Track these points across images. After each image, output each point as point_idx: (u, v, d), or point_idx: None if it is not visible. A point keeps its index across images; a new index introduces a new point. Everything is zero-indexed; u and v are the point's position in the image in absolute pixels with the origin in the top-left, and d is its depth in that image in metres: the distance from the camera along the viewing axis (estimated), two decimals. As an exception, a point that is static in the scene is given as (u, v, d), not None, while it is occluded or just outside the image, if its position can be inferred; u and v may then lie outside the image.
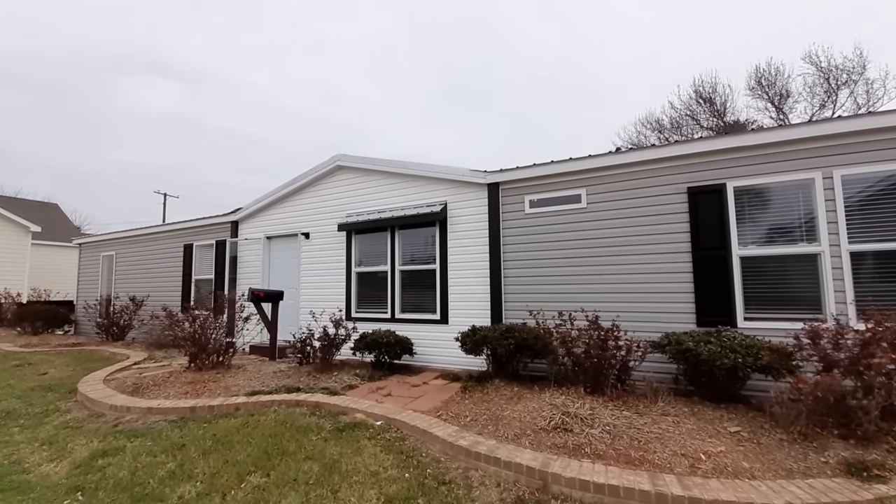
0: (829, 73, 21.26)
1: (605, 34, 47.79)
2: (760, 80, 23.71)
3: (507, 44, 63.16)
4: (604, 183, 5.23)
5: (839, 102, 21.67)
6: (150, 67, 68.21)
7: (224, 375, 5.46)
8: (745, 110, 25.58)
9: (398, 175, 6.79)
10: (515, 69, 62.76)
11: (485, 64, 69.93)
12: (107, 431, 3.88)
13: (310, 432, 3.64)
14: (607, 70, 47.38)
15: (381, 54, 79.01)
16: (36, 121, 58.14)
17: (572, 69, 51.95)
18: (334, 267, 7.30)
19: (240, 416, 4.05)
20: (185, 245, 9.48)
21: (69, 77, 62.24)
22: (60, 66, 59.06)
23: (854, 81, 21.02)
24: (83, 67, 62.86)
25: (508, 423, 3.48)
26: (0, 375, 6.50)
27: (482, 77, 71.24)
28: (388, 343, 5.52)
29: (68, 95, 61.01)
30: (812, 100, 22.43)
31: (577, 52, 51.85)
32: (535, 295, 5.49)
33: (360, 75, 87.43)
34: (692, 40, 35.31)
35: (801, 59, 22.12)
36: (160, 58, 67.71)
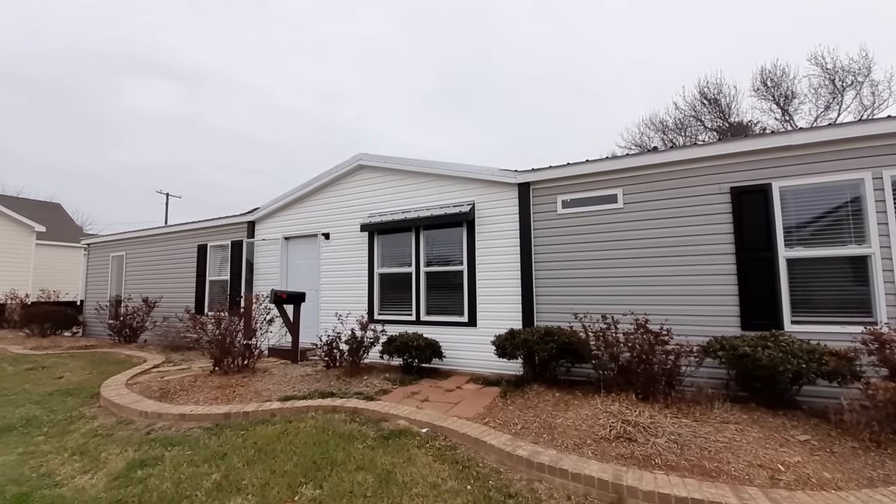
0: (834, 74, 21.24)
1: (600, 35, 48.02)
2: (766, 81, 23.70)
3: (503, 45, 63.28)
4: (642, 182, 5.11)
5: (844, 104, 21.67)
6: (148, 68, 67.94)
7: (251, 379, 5.30)
8: (750, 111, 25.54)
9: (423, 174, 6.66)
10: (511, 70, 62.88)
11: (481, 65, 70.05)
12: (140, 439, 3.72)
13: (354, 440, 3.50)
14: (602, 71, 47.55)
15: (378, 56, 79.06)
16: (34, 121, 57.81)
17: (567, 70, 52.18)
18: (356, 268, 7.16)
19: (277, 423, 3.90)
20: (198, 245, 9.32)
21: (67, 77, 61.94)
22: (59, 66, 58.73)
23: (860, 83, 20.99)
24: (82, 67, 62.55)
25: (564, 431, 3.34)
26: (14, 380, 6.33)
27: (479, 78, 71.43)
28: (418, 346, 5.38)
29: (66, 95, 60.66)
30: (817, 101, 22.42)
31: (572, 53, 52.03)
32: (568, 297, 5.37)
33: (357, 77, 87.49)
34: (689, 42, 35.52)
35: (807, 60, 22.11)
36: (159, 58, 67.41)
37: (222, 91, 76.22)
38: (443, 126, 79.81)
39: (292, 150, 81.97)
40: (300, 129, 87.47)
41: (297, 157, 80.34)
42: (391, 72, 79.64)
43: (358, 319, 5.79)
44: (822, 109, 22.16)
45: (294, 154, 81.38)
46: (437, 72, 77.44)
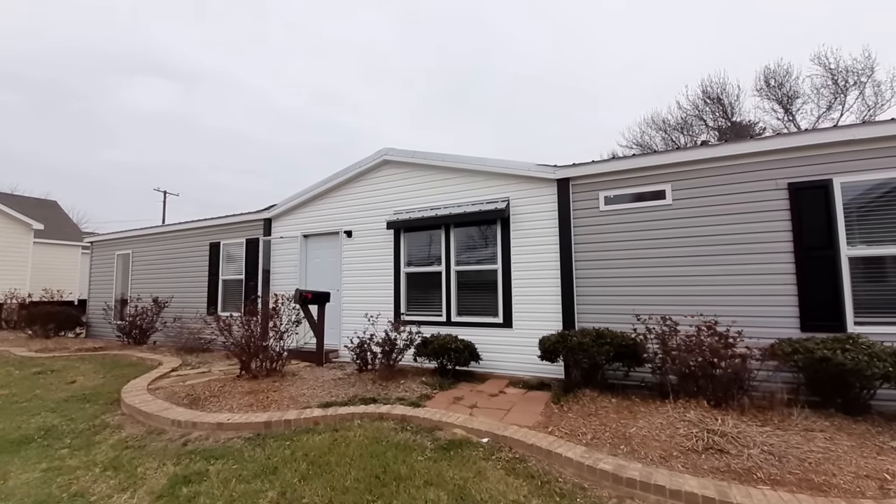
0: (837, 74, 21.23)
1: (597, 37, 48.34)
2: (769, 80, 23.70)
3: (499, 46, 63.32)
4: (692, 178, 4.91)
5: (847, 104, 21.67)
6: (145, 67, 66.87)
7: (282, 384, 5.04)
8: (753, 111, 25.53)
9: (453, 170, 6.42)
10: (507, 71, 62.96)
11: (477, 67, 70.04)
12: (177, 452, 3.45)
13: (411, 451, 3.26)
14: (598, 73, 47.91)
15: (374, 57, 78.72)
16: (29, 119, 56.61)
17: (563, 71, 52.45)
18: (380, 267, 6.90)
19: (322, 432, 3.64)
20: (210, 244, 9.00)
21: (63, 76, 60.77)
22: (55, 66, 57.58)
23: (863, 83, 20.99)
24: (77, 67, 61.43)
25: (643, 442, 3.12)
26: (23, 385, 6.00)
27: (475, 80, 71.42)
28: (456, 349, 5.14)
29: (61, 94, 59.51)
30: (818, 101, 22.41)
31: (568, 55, 52.24)
32: (612, 297, 5.16)
33: (354, 78, 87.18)
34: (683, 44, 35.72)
35: (810, 60, 22.10)
36: (155, 57, 66.40)
37: (218, 91, 75.45)
38: (438, 127, 79.82)
39: (288, 151, 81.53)
40: (296, 129, 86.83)
41: (293, 158, 79.87)
42: (387, 73, 79.42)
43: (389, 321, 5.55)
44: (825, 109, 22.17)
45: (289, 154, 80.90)
46: (434, 73, 77.35)
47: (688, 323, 4.10)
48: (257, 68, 78.27)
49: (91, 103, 62.06)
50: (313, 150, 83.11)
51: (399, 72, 78.55)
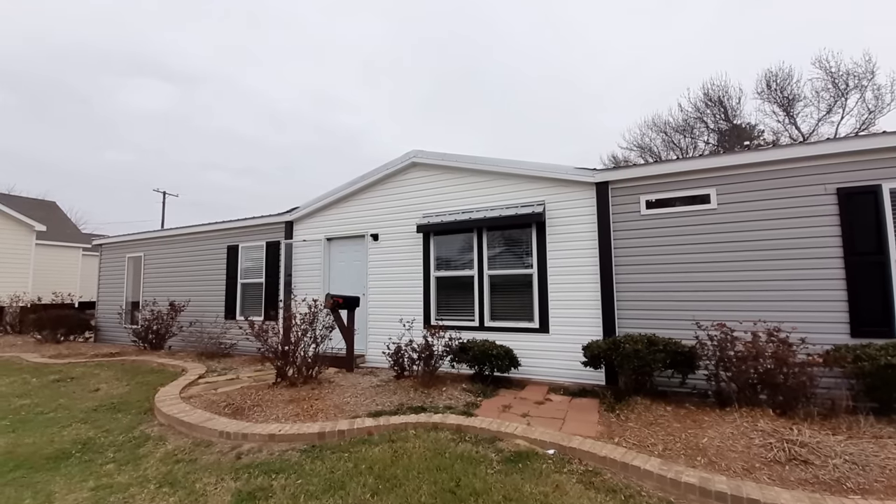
0: (837, 78, 21.40)
1: (592, 41, 48.86)
2: (770, 83, 23.89)
3: (497, 48, 63.61)
4: (738, 182, 4.87)
5: (848, 107, 21.85)
6: (142, 68, 66.14)
7: (321, 392, 4.92)
8: (754, 114, 25.70)
9: (486, 172, 6.34)
10: (504, 73, 63.32)
11: (474, 69, 70.25)
12: (233, 465, 3.33)
13: (478, 463, 3.17)
14: (594, 76, 48.49)
15: (372, 57, 78.69)
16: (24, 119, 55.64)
17: (560, 74, 53.04)
18: (409, 271, 6.80)
19: (378, 443, 3.55)
20: (228, 246, 8.84)
21: (61, 76, 59.83)
22: (51, 65, 56.66)
23: (863, 87, 21.18)
24: (74, 66, 60.58)
25: (719, 453, 3.06)
26: (44, 394, 5.83)
27: (472, 81, 71.69)
28: (497, 355, 5.06)
29: (59, 94, 58.64)
30: (819, 105, 22.59)
31: (564, 59, 52.72)
32: (655, 303, 5.11)
33: (352, 78, 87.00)
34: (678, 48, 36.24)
35: (811, 63, 22.27)
36: (152, 58, 65.66)
37: (216, 92, 74.82)
38: (433, 133, 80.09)
39: (287, 151, 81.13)
40: (294, 130, 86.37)
41: (292, 158, 79.52)
42: (385, 74, 79.37)
43: (419, 325, 5.45)
44: (825, 113, 22.38)
45: (289, 155, 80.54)
46: (431, 76, 77.50)
47: (742, 329, 4.05)
48: (255, 69, 77.84)
49: (87, 104, 61.39)
50: (312, 150, 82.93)
51: (396, 73, 78.62)
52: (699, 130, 27.49)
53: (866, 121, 21.37)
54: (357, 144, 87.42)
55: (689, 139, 27.89)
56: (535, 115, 57.21)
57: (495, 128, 64.67)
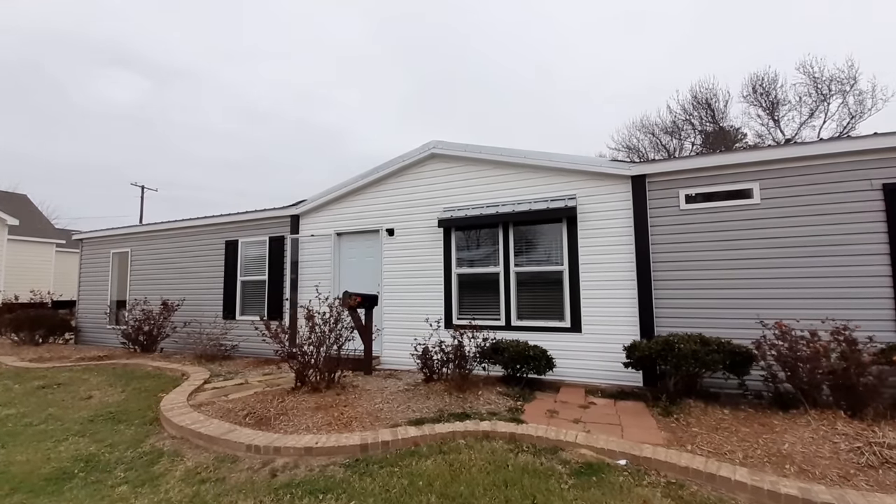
0: (821, 83, 21.99)
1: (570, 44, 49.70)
2: (755, 87, 24.44)
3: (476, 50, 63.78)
4: (782, 177, 4.72)
5: (829, 112, 22.47)
6: (114, 61, 63.16)
7: (347, 397, 4.54)
8: (740, 117, 26.24)
9: (512, 165, 6.06)
10: (484, 75, 63.61)
11: (454, 69, 70.27)
12: (270, 485, 2.94)
13: (547, 477, 2.88)
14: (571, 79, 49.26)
15: (352, 57, 77.70)
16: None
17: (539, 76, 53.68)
18: (428, 267, 6.47)
19: (428, 455, 3.22)
20: (226, 242, 8.30)
21: (28, 66, 56.49)
22: (19, 55, 53.35)
23: (846, 92, 21.81)
24: (44, 56, 57.30)
25: (808, 460, 2.86)
26: (30, 402, 5.24)
27: (452, 82, 71.79)
28: (534, 356, 4.79)
29: (25, 84, 55.30)
30: (801, 109, 23.20)
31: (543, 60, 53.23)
32: (696, 301, 4.93)
33: (331, 77, 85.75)
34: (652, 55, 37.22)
35: (795, 69, 22.85)
36: (124, 51, 62.77)
37: (191, 88, 72.20)
38: (415, 131, 79.78)
39: (265, 149, 79.36)
40: (272, 127, 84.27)
41: (271, 155, 77.81)
42: (365, 73, 78.49)
43: (452, 326, 5.14)
44: (807, 117, 23.01)
45: (268, 152, 78.81)
46: (412, 76, 77.04)
47: (800, 328, 3.90)
48: (232, 66, 75.59)
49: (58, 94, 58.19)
50: (292, 147, 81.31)
51: (376, 76, 77.84)
52: (686, 132, 27.99)
53: (848, 125, 22.04)
54: (339, 142, 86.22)
55: (676, 140, 28.34)
56: (514, 119, 57.66)
57: (471, 130, 64.88)
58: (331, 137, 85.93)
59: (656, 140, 28.57)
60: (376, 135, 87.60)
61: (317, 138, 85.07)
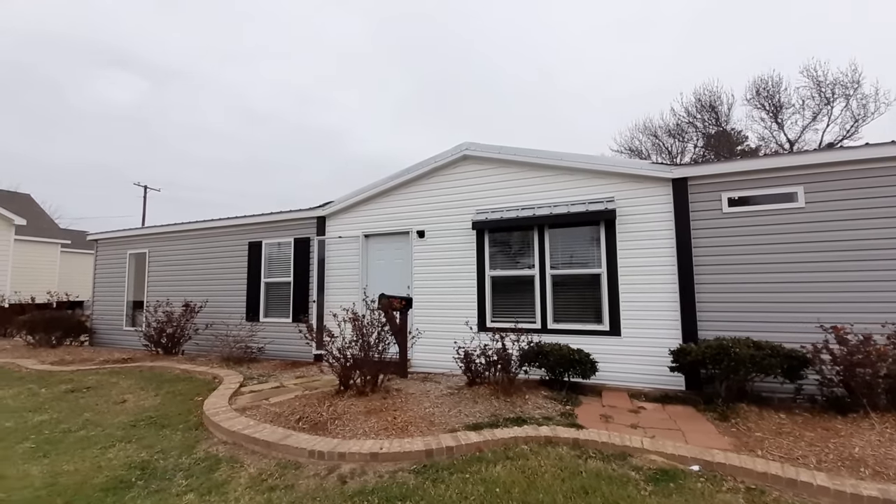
0: (824, 87, 22.14)
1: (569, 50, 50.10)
2: (759, 90, 24.61)
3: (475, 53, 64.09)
4: (828, 180, 4.73)
5: (833, 116, 22.63)
6: (112, 61, 62.74)
7: (394, 401, 4.50)
8: (744, 120, 26.38)
9: (547, 167, 6.04)
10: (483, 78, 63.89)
11: (454, 73, 70.49)
12: (343, 492, 2.89)
13: (624, 484, 2.85)
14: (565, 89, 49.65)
15: (350, 58, 77.67)
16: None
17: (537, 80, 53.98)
18: (460, 270, 6.43)
19: (495, 461, 3.17)
20: (249, 243, 8.22)
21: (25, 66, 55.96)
22: (16, 54, 52.83)
23: (849, 96, 21.97)
24: (40, 57, 56.79)
25: (880, 462, 2.85)
26: (62, 407, 5.15)
27: (451, 85, 72.01)
28: (579, 360, 4.76)
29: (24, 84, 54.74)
30: (804, 112, 23.37)
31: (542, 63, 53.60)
32: (741, 304, 4.92)
33: (330, 78, 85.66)
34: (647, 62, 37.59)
35: (799, 72, 23.00)
36: (123, 51, 62.36)
37: (189, 88, 71.81)
38: (413, 133, 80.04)
39: (264, 150, 79.15)
40: (270, 129, 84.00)
41: (269, 156, 77.65)
42: (363, 75, 78.57)
43: (495, 329, 5.10)
44: (810, 120, 23.18)
45: (265, 153, 78.62)
46: (410, 78, 77.14)
47: (855, 332, 3.89)
48: (231, 66, 75.26)
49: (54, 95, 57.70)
50: (291, 148, 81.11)
51: (377, 73, 77.81)
52: (688, 135, 28.19)
53: (851, 129, 22.22)
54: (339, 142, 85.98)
55: (679, 143, 28.53)
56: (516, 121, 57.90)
57: (474, 132, 65.10)
58: (330, 138, 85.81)
59: (659, 142, 28.76)
60: (376, 136, 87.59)
61: (316, 139, 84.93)
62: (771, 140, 25.22)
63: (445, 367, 6.09)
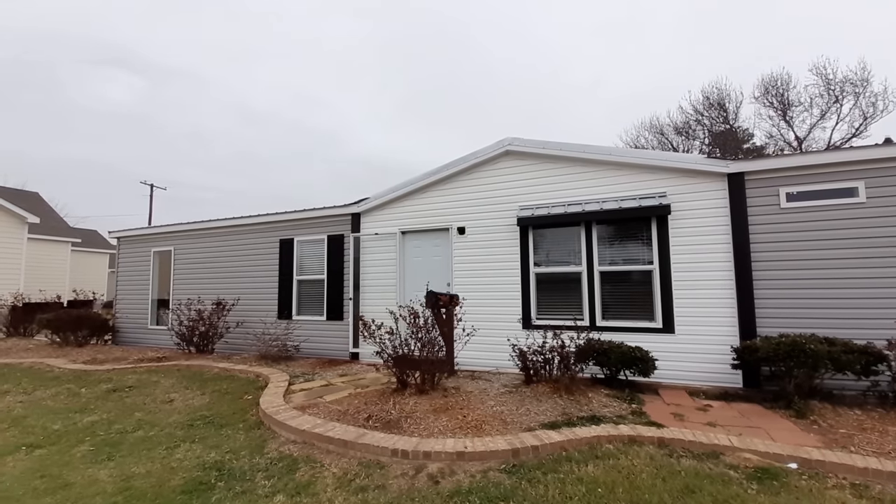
0: (833, 84, 22.11)
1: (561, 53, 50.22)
2: (768, 88, 24.59)
3: (470, 58, 64.16)
4: (889, 175, 4.68)
5: (842, 114, 22.58)
6: (108, 61, 62.22)
7: (456, 399, 4.42)
8: (752, 118, 26.37)
9: (594, 162, 5.97)
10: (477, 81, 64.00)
11: (448, 79, 70.51)
12: (439, 493, 2.81)
13: (725, 482, 2.79)
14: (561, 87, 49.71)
15: (349, 61, 77.51)
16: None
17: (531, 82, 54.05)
18: (503, 266, 6.36)
19: (582, 461, 3.10)
20: (281, 240, 8.13)
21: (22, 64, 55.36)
22: (12, 54, 52.25)
23: (858, 94, 21.94)
24: (39, 55, 56.22)
25: None
26: (106, 406, 5.06)
27: (447, 88, 72.16)
28: (641, 358, 4.70)
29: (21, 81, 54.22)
30: (812, 110, 23.34)
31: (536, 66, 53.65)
32: (800, 300, 4.86)
33: (328, 81, 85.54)
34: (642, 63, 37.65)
35: (809, 70, 22.97)
36: (121, 51, 61.85)
37: (187, 88, 71.41)
38: (409, 134, 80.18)
39: (262, 151, 78.91)
40: (269, 130, 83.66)
41: (266, 158, 77.44)
42: (362, 78, 78.40)
43: (541, 327, 5.04)
44: (818, 118, 23.17)
45: (263, 154, 78.39)
46: (407, 81, 77.05)
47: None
48: (229, 68, 74.86)
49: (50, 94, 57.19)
50: (289, 149, 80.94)
51: (372, 80, 77.65)
52: (695, 133, 28.22)
53: (860, 127, 22.22)
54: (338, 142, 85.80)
55: (686, 141, 28.54)
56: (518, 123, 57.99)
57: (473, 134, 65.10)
58: (328, 138, 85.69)
59: (665, 140, 28.77)
60: (376, 136, 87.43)
61: (314, 139, 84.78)
62: (779, 138, 25.23)
63: (490, 365, 6.04)
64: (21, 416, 4.77)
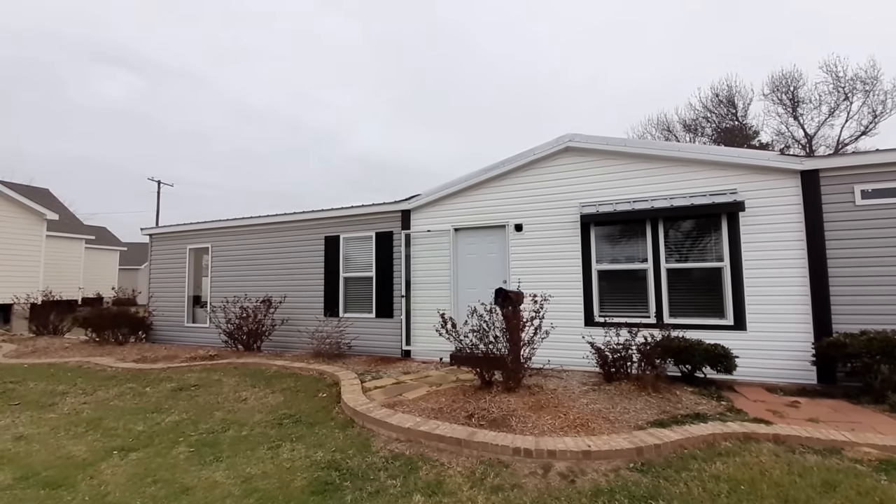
0: (843, 82, 22.22)
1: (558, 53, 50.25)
2: (777, 85, 24.67)
3: (469, 59, 63.92)
4: (971, 172, 4.71)
5: (852, 111, 22.68)
6: (107, 59, 61.18)
7: (545, 397, 4.41)
8: (761, 115, 26.49)
9: (660, 158, 5.96)
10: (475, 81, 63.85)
11: (447, 79, 70.32)
12: (580, 492, 2.79)
13: (861, 477, 2.81)
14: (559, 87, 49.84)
15: (348, 61, 76.97)
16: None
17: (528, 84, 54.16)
18: (563, 264, 6.35)
19: (708, 458, 3.10)
20: (326, 237, 8.06)
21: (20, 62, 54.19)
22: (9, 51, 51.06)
23: (867, 91, 22.06)
24: (38, 53, 55.09)
25: None
26: (180, 406, 5.00)
27: (445, 88, 72.05)
28: (724, 356, 4.71)
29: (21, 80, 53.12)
30: (820, 108, 23.44)
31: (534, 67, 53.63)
32: (878, 297, 4.89)
33: (326, 80, 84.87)
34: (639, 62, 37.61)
35: (819, 67, 23.05)
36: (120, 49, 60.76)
37: (186, 87, 70.55)
38: (407, 135, 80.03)
39: (259, 150, 78.35)
40: (267, 129, 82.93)
41: (263, 155, 76.92)
42: (360, 78, 77.94)
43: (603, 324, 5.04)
44: (827, 116, 23.28)
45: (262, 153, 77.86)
46: (404, 81, 76.62)
47: None
48: (227, 66, 74.03)
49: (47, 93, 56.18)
50: (287, 147, 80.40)
51: (371, 80, 77.23)
52: (703, 129, 28.32)
53: (869, 125, 22.38)
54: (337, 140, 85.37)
55: (692, 137, 28.64)
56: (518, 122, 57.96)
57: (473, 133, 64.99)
58: (326, 136, 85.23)
59: (673, 136, 28.84)
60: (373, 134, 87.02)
61: (312, 137, 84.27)
62: (788, 135, 25.35)
63: (554, 363, 6.02)
64: (96, 419, 4.69)
